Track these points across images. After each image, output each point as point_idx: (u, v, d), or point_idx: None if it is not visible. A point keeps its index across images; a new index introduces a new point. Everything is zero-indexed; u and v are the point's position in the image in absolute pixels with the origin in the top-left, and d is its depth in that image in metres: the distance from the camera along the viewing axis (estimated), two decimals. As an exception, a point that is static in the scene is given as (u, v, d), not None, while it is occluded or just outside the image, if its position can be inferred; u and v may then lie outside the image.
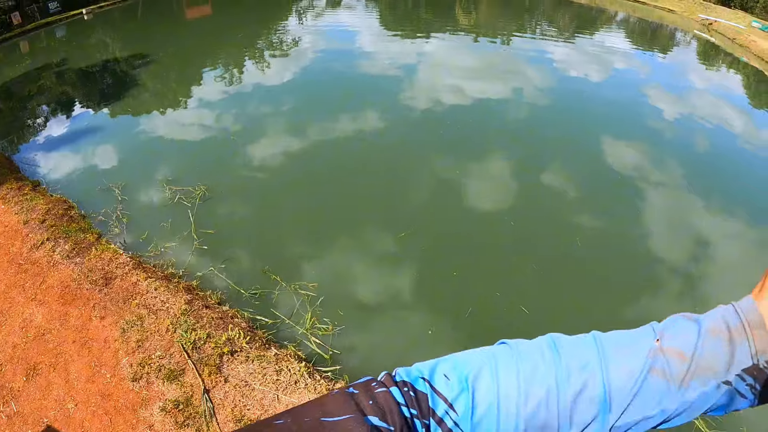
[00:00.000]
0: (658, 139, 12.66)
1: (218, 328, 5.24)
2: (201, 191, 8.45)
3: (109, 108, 13.89)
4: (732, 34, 39.78)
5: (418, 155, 10.40)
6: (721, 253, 8.27)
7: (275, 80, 15.62)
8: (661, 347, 0.65)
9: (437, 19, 29.69)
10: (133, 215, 8.02)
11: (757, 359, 0.61)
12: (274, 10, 31.44)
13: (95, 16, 29.16)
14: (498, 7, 37.53)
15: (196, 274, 6.54)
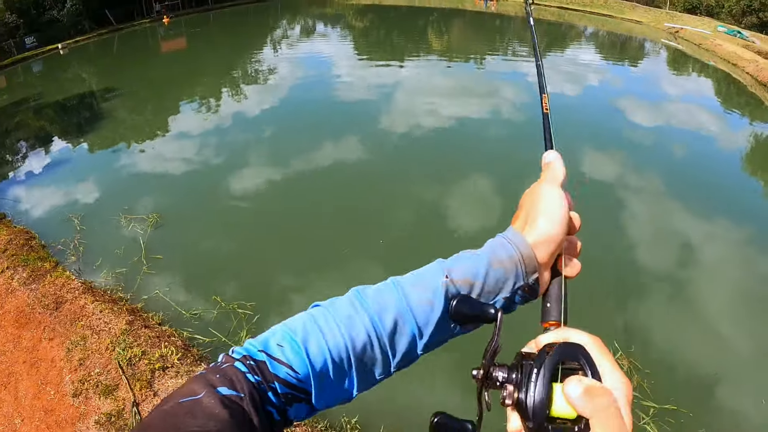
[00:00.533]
0: (634, 149, 13.25)
1: (154, 346, 5.71)
2: (153, 219, 8.98)
3: (79, 141, 14.53)
4: (698, 40, 41.09)
5: (395, 179, 10.81)
6: (706, 255, 8.69)
7: (249, 110, 16.18)
8: (452, 279, 0.80)
9: (410, 44, 30.31)
10: (90, 244, 8.51)
11: (527, 279, 0.81)
12: (248, 40, 32.08)
13: (71, 51, 29.75)
14: (469, 30, 38.62)
15: (142, 297, 7.02)
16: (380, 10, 49.72)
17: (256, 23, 41.56)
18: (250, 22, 42.18)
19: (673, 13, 61.86)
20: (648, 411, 5.51)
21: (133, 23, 40.03)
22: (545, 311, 0.82)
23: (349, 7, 51.62)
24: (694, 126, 16.25)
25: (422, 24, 40.26)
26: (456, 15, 45.40)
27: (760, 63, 29.80)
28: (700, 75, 28.20)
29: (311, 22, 42.41)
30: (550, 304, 0.83)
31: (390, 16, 46.39)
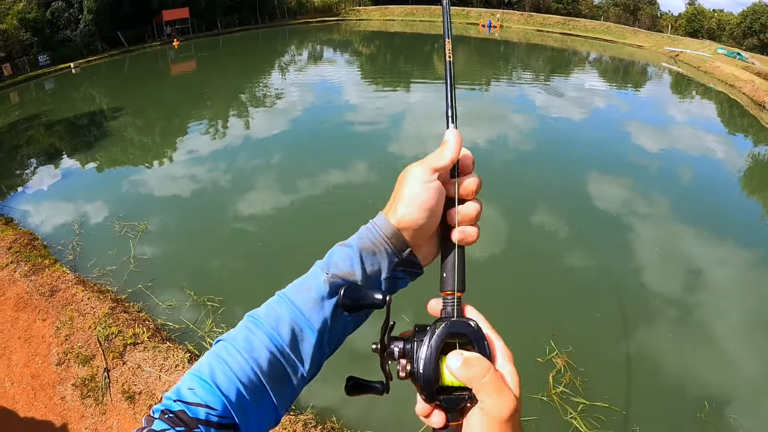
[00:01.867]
0: (642, 173, 13.83)
1: (129, 326, 6.71)
2: (144, 226, 10.06)
3: (86, 157, 15.64)
4: (697, 62, 42.13)
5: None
6: (714, 279, 9.02)
7: (256, 132, 16.94)
8: (332, 275, 0.83)
9: (416, 69, 31.35)
10: (86, 245, 9.58)
11: (401, 255, 0.86)
12: (257, 65, 32.96)
13: (83, 71, 30.93)
14: (474, 55, 39.51)
15: (126, 290, 8.03)
16: (386, 37, 50.88)
17: (265, 48, 42.78)
18: (259, 47, 43.37)
19: (674, 37, 62.98)
20: (577, 407, 5.87)
21: (144, 45, 41.60)
22: (443, 280, 0.86)
23: (356, 33, 53.01)
24: (699, 149, 17.02)
25: (428, 50, 41.34)
26: (461, 41, 46.27)
27: (756, 83, 30.76)
28: (703, 98, 29.03)
29: (319, 48, 43.56)
30: (446, 273, 0.87)
31: (396, 42, 47.48)
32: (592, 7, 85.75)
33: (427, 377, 0.78)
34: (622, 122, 19.46)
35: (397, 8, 79.05)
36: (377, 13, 76.53)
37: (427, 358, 0.78)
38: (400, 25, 62.79)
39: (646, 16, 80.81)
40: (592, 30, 63.95)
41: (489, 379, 0.74)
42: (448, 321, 0.82)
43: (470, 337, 0.80)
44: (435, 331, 0.80)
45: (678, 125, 20.34)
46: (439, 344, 0.79)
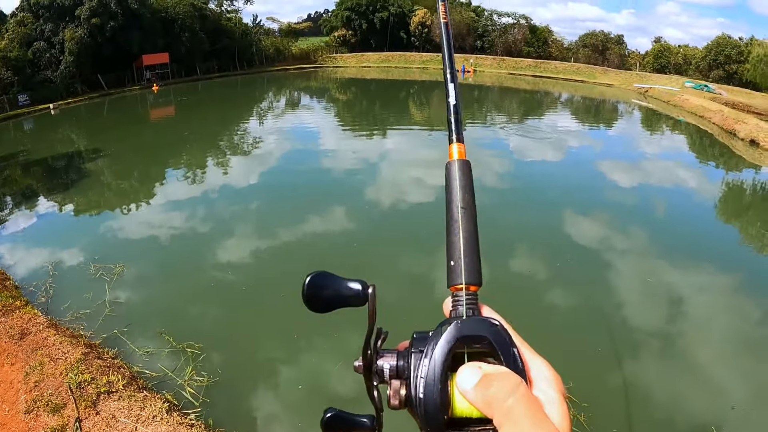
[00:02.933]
0: (619, 209, 14.04)
1: (103, 373, 6.43)
2: (120, 269, 9.78)
3: (63, 199, 15.39)
4: (666, 97, 43.59)
5: (381, 251, 10.90)
6: (696, 308, 9.15)
7: (234, 179, 16.80)
8: None
9: (392, 115, 31.61)
10: (60, 287, 9.28)
11: None
12: (235, 111, 33.15)
13: (62, 112, 30.86)
14: None
15: (101, 335, 7.75)
16: (362, 83, 51.74)
17: (244, 94, 43.15)
18: (238, 93, 43.74)
19: (643, 74, 65.26)
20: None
21: (123, 89, 41.68)
22: (450, 272, 0.67)
23: (333, 80, 53.83)
24: (673, 181, 17.51)
25: (403, 96, 42.10)
26: (435, 86, 47.21)
27: (725, 112, 31.94)
28: (674, 131, 30.30)
29: (296, 95, 44.06)
30: (454, 262, 0.67)
31: (372, 89, 48.23)
32: (562, 49, 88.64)
33: (430, 405, 0.55)
34: (596, 161, 19.90)
35: (373, 55, 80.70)
36: (353, 60, 77.98)
37: (430, 376, 0.56)
38: (376, 71, 63.94)
39: (615, 56, 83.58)
40: (563, 71, 66.08)
41: (517, 400, 0.51)
42: (458, 320, 0.59)
43: (492, 341, 0.57)
44: (440, 336, 0.58)
45: (651, 159, 20.94)
46: (446, 354, 0.56)
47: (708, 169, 20.50)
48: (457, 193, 0.74)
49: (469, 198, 0.74)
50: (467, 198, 0.73)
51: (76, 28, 43.32)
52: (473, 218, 0.71)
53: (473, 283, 0.64)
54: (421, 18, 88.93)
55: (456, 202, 0.73)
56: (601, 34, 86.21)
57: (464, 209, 0.72)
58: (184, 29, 53.68)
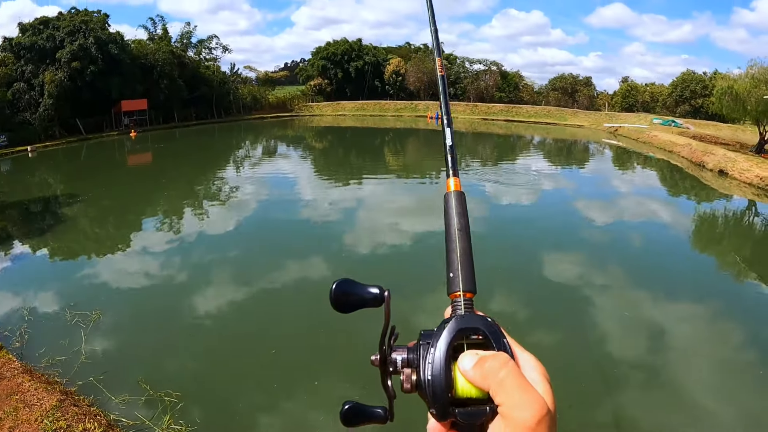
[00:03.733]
0: (595, 247, 14.28)
1: (79, 421, 6.44)
2: (97, 316, 9.80)
3: (38, 244, 15.29)
4: (636, 134, 45.12)
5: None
6: (677, 338, 9.27)
7: (210, 227, 16.73)
8: None
9: (368, 163, 31.99)
10: (35, 333, 9.25)
11: None
12: (212, 158, 33.25)
13: (40, 155, 30.76)
14: (423, 148, 40.64)
15: (77, 382, 7.75)
16: (338, 132, 52.45)
17: (221, 142, 43.38)
18: (215, 141, 43.99)
19: (612, 114, 67.36)
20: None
21: (101, 134, 41.87)
22: (449, 282, 0.79)
23: (309, 129, 54.50)
24: (647, 216, 18.00)
25: (379, 143, 42.65)
26: (410, 134, 47.90)
27: (693, 145, 33.20)
28: (644, 167, 31.30)
29: (273, 143, 44.36)
30: (452, 273, 0.80)
31: (347, 137, 48.74)
32: (532, 93, 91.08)
33: (437, 385, 0.67)
34: (570, 201, 20.39)
35: (349, 103, 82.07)
36: (329, 109, 79.09)
37: (437, 361, 0.68)
38: (351, 119, 64.78)
39: (584, 97, 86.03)
40: (534, 115, 68.03)
41: (507, 372, 0.63)
42: (458, 317, 0.73)
43: (486, 332, 0.70)
44: (444, 329, 0.71)
45: (624, 196, 21.67)
46: (449, 342, 0.69)
47: (680, 201, 21.46)
48: (454, 219, 0.89)
49: (464, 222, 0.89)
50: (463, 222, 0.89)
51: (57, 70, 43.58)
52: (468, 238, 0.86)
53: (469, 290, 0.79)
54: (395, 66, 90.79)
55: (454, 225, 0.88)
56: (570, 77, 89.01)
57: (460, 231, 0.87)
58: (163, 76, 54.22)
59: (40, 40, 45.37)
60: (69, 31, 46.04)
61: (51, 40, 45.56)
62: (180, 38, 68.69)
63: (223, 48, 74.31)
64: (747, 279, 13.17)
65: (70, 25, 46.52)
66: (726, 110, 40.84)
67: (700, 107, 70.15)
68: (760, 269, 13.68)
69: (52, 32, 46.16)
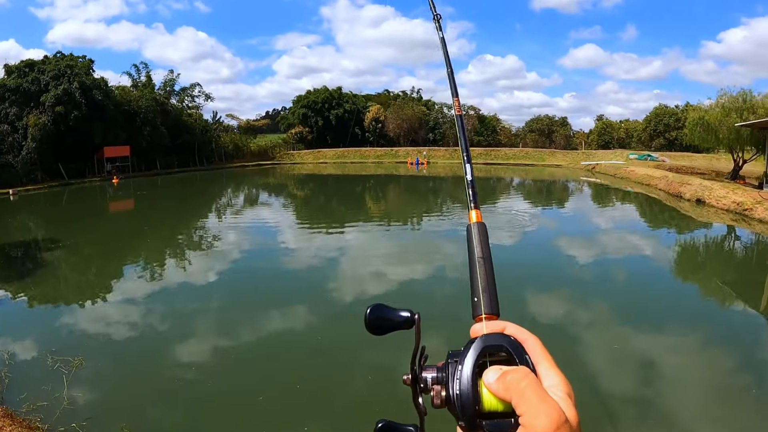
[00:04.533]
0: (579, 283, 14.43)
1: (64, 465, 6.57)
2: (79, 362, 9.86)
3: (18, 289, 15.25)
4: (613, 170, 46.28)
5: (344, 347, 10.79)
6: (668, 368, 9.31)
7: (192, 276, 16.66)
8: None
9: (350, 210, 32.07)
10: (16, 377, 9.28)
11: None
12: (195, 206, 33.33)
13: (21, 198, 30.69)
14: (404, 193, 41.19)
15: (59, 429, 7.80)
16: (319, 179, 52.93)
17: (203, 190, 43.50)
18: (197, 189, 44.02)
19: (589, 152, 68.81)
20: None
21: (84, 180, 41.92)
22: (473, 306, 0.85)
23: (291, 176, 54.87)
24: (628, 250, 18.34)
25: (360, 190, 43.07)
26: (391, 180, 48.29)
27: (669, 177, 34.24)
28: (623, 202, 32.00)
29: (255, 191, 44.51)
30: (476, 298, 0.85)
31: (328, 184, 49.15)
32: (510, 136, 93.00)
33: (465, 399, 0.71)
34: (552, 239, 20.70)
35: (329, 151, 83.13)
36: (310, 157, 79.90)
37: (464, 377, 0.73)
38: (332, 167, 65.39)
39: (561, 137, 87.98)
40: (513, 157, 69.51)
41: (527, 384, 0.67)
42: (483, 336, 0.78)
43: (509, 349, 0.75)
44: (470, 348, 0.76)
45: (605, 232, 22.10)
46: (475, 359, 0.74)
47: (661, 233, 22.11)
48: (476, 247, 0.96)
49: (486, 251, 0.95)
50: (485, 251, 0.95)
51: (41, 114, 43.86)
52: (491, 265, 0.93)
53: (493, 313, 0.85)
54: (374, 114, 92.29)
55: (476, 253, 0.94)
56: (546, 118, 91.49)
57: (482, 259, 0.93)
58: (146, 123, 54.66)
59: (25, 82, 45.74)
60: (54, 75, 46.49)
61: (36, 83, 45.94)
62: (163, 85, 69.55)
63: (206, 96, 75.36)
64: (732, 303, 13.49)
65: (55, 69, 47.02)
66: (699, 141, 42.17)
67: (674, 140, 72.18)
68: (744, 292, 14.07)
69: (38, 75, 46.58)
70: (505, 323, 0.82)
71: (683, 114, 62.86)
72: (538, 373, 0.73)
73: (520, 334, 0.79)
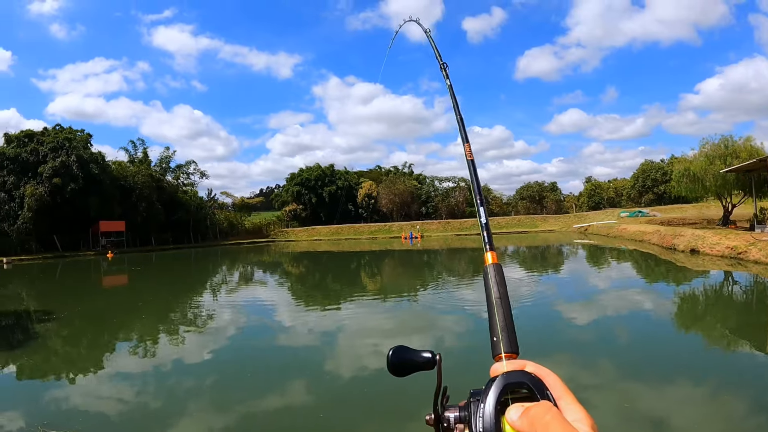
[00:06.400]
0: (581, 346, 14.14)
1: None
2: (73, 434, 9.56)
3: (6, 360, 14.99)
4: (605, 230, 46.55)
5: (346, 424, 10.42)
6: (680, 420, 9.07)
7: (188, 355, 16.15)
8: None
9: (345, 287, 31.93)
10: (6, 453, 9.00)
11: None
12: (189, 284, 33.28)
13: (14, 267, 30.66)
14: (399, 268, 41.32)
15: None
16: (314, 257, 53.10)
17: (198, 267, 43.48)
18: (192, 266, 43.97)
19: (580, 214, 69.34)
20: None
21: (78, 253, 41.81)
22: (492, 346, 0.87)
23: (285, 254, 54.93)
24: (628, 308, 18.25)
25: (355, 266, 43.17)
26: (386, 255, 48.40)
27: (662, 231, 34.51)
28: (619, 261, 32.11)
29: (250, 269, 44.43)
30: (495, 338, 0.87)
31: (323, 261, 49.11)
32: (502, 204, 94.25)
33: None
34: (549, 304, 20.38)
35: (323, 228, 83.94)
36: (304, 234, 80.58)
37: (487, 415, 0.73)
38: (327, 244, 65.66)
39: (551, 202, 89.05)
40: (506, 225, 70.23)
41: (552, 417, 0.68)
42: (504, 374, 0.79)
43: (530, 386, 0.76)
44: (491, 386, 0.76)
45: (603, 292, 21.93)
46: (497, 397, 0.75)
47: (658, 286, 22.25)
48: (493, 288, 0.98)
49: (503, 290, 0.97)
50: (502, 290, 0.97)
51: (38, 185, 44.30)
52: (508, 305, 0.95)
53: (512, 352, 0.87)
54: (367, 190, 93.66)
55: (494, 294, 0.96)
56: (536, 184, 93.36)
57: (499, 299, 0.95)
58: (142, 199, 55.13)
59: (24, 152, 46.37)
60: (52, 147, 47.17)
61: (34, 153, 46.56)
62: (159, 162, 70.97)
63: (201, 173, 76.82)
64: (737, 348, 13.39)
65: (54, 141, 47.77)
66: (687, 191, 42.87)
67: (663, 193, 73.23)
68: (748, 335, 14.08)
69: (36, 146, 47.28)
70: (526, 361, 0.85)
71: (669, 167, 64.26)
72: (561, 408, 0.73)
73: (540, 371, 0.82)
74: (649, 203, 74.03)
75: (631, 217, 53.10)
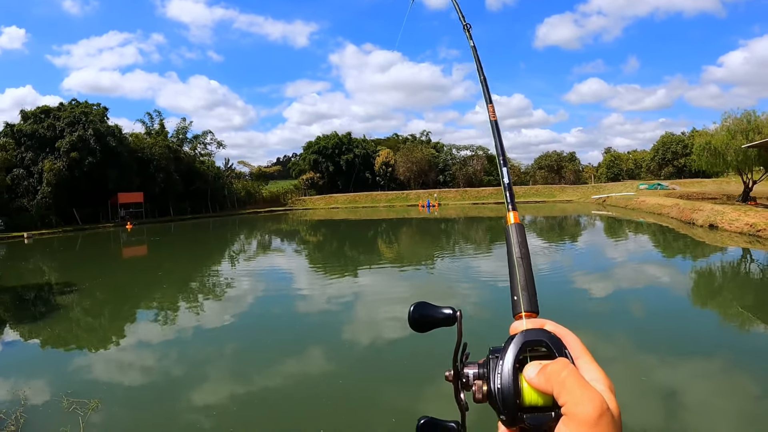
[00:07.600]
0: (598, 318, 14.19)
1: None
2: (95, 404, 9.67)
3: (30, 331, 15.24)
4: (624, 202, 46.17)
5: (364, 389, 10.60)
6: (694, 396, 9.14)
7: (207, 322, 16.32)
8: None
9: (362, 254, 32.01)
10: (31, 418, 9.11)
11: None
12: (208, 252, 33.50)
13: (35, 242, 30.96)
14: (417, 236, 41.13)
15: (78, 470, 7.63)
16: (331, 224, 53.14)
17: (216, 236, 43.70)
18: (210, 235, 44.18)
19: (598, 185, 68.72)
20: None
21: (97, 225, 42.22)
22: (513, 305, 0.88)
23: (303, 222, 55.14)
24: (645, 281, 18.17)
25: (372, 234, 43.18)
26: (403, 223, 48.43)
27: (681, 205, 34.14)
28: (637, 233, 31.68)
29: (268, 237, 44.61)
30: (516, 296, 0.88)
31: (341, 229, 49.27)
32: (520, 173, 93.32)
33: (506, 393, 0.72)
34: (567, 275, 20.35)
35: (341, 196, 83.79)
36: (322, 202, 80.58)
37: (505, 371, 0.74)
38: (344, 212, 65.72)
39: (570, 173, 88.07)
40: (524, 194, 69.81)
41: (568, 373, 0.69)
42: (523, 332, 0.80)
43: (549, 343, 0.77)
44: (510, 343, 0.78)
45: (620, 264, 21.82)
46: (516, 354, 0.75)
47: (676, 261, 22.03)
48: (515, 247, 0.98)
49: (525, 250, 0.98)
50: (523, 250, 0.98)
51: (56, 159, 44.58)
52: (529, 265, 0.95)
53: (532, 311, 0.88)
54: (384, 158, 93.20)
55: (515, 253, 0.97)
56: (555, 154, 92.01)
57: (521, 258, 0.96)
58: (160, 170, 55.37)
59: (41, 128, 46.62)
60: (69, 122, 47.40)
61: (51, 129, 46.81)
62: (176, 133, 70.85)
63: (218, 143, 76.74)
64: (753, 326, 13.29)
65: (71, 116, 47.95)
66: (707, 165, 42.18)
67: (683, 167, 72.17)
68: (765, 314, 13.93)
69: (53, 122, 47.51)
70: (545, 320, 0.86)
71: (690, 140, 62.87)
72: (578, 367, 0.74)
73: (559, 331, 0.83)
74: (668, 176, 72.87)
75: (650, 189, 52.31)
